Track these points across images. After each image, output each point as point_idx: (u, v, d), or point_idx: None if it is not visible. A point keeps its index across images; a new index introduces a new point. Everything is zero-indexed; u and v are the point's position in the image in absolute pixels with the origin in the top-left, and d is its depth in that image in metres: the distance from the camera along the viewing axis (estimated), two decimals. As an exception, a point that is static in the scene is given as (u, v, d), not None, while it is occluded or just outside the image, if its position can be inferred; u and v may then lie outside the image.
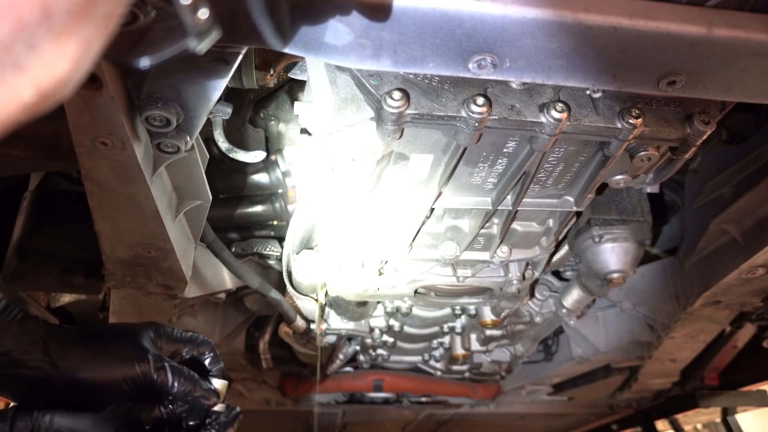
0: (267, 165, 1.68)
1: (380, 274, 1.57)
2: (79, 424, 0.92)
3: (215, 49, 0.88)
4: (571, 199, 1.28)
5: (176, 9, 0.44)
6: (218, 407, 1.03)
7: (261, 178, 1.69)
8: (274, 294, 1.77)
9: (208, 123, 1.09)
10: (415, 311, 2.22)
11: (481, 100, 0.91)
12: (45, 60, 0.36)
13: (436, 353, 2.72)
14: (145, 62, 0.52)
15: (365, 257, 1.49)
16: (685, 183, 1.91)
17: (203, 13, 0.45)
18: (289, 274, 1.65)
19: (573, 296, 2.04)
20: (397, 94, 0.89)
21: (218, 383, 1.06)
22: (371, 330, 2.33)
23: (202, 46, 0.48)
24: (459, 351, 2.48)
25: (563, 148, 1.10)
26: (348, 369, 2.99)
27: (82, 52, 0.38)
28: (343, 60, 0.87)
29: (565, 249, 1.85)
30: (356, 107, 0.97)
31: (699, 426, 4.35)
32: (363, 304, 1.93)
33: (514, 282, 1.63)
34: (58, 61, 0.37)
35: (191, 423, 1.02)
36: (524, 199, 1.23)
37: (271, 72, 1.14)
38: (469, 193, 1.22)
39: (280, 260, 1.68)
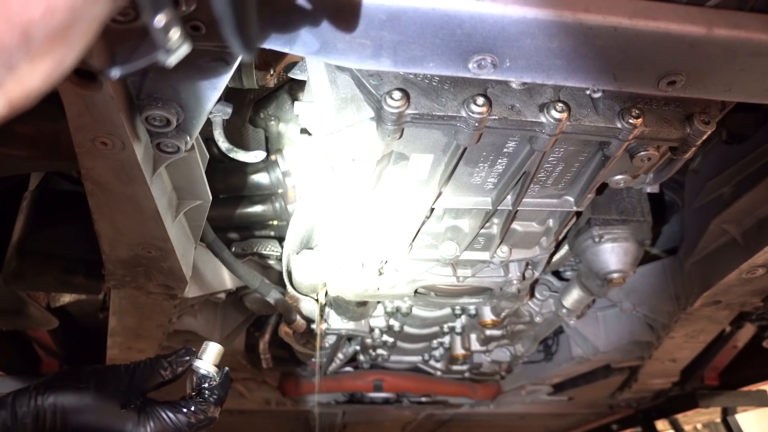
0: (267, 165, 1.68)
1: (380, 274, 1.57)
2: (83, 402, 0.92)
3: (215, 49, 0.88)
4: (571, 199, 1.28)
5: (150, 29, 0.47)
6: (212, 369, 1.05)
7: (261, 178, 1.69)
8: (274, 294, 1.77)
9: (208, 123, 1.09)
10: (415, 311, 2.22)
11: (481, 100, 0.91)
12: (20, 78, 0.38)
13: (436, 353, 2.72)
14: (116, 73, 0.54)
15: (365, 257, 1.49)
16: (685, 183, 1.91)
17: (174, 33, 0.48)
18: (289, 274, 1.65)
19: (573, 296, 2.04)
20: (397, 94, 0.89)
21: (214, 347, 1.07)
22: (371, 330, 2.33)
23: (171, 60, 0.50)
24: (459, 351, 2.48)
25: (563, 148, 1.10)
26: (348, 369, 2.99)
27: (55, 69, 0.40)
28: (343, 60, 0.87)
29: (565, 249, 1.85)
30: (356, 107, 0.97)
31: (699, 426, 4.34)
32: (363, 304, 1.93)
33: (514, 282, 1.63)
34: (32, 78, 0.39)
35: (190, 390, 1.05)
36: (524, 199, 1.23)
37: (271, 72, 1.14)
38: (469, 193, 1.22)
39: (280, 260, 1.68)
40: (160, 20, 0.47)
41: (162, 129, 1.00)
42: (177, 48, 0.49)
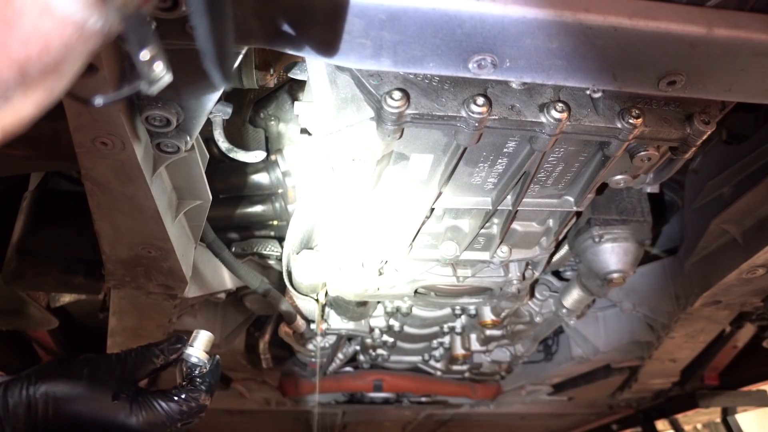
0: (267, 165, 1.68)
1: (380, 274, 1.57)
2: (76, 391, 0.92)
3: (215, 49, 0.88)
4: (571, 199, 1.28)
5: (135, 62, 0.51)
6: (203, 357, 1.05)
7: (261, 178, 1.69)
8: (274, 294, 1.77)
9: (208, 123, 1.09)
10: (415, 311, 2.22)
11: (481, 100, 0.91)
12: (14, 107, 0.41)
13: (436, 353, 2.72)
14: (99, 101, 0.57)
15: (365, 257, 1.49)
16: (685, 183, 1.91)
17: (158, 66, 0.52)
18: (289, 274, 1.65)
19: (573, 296, 2.04)
20: (397, 94, 0.89)
21: (204, 335, 1.07)
22: (371, 330, 2.33)
23: (153, 89, 0.54)
24: (459, 351, 2.48)
25: (563, 148, 1.10)
26: (348, 369, 2.99)
27: (46, 98, 0.43)
28: (343, 60, 0.87)
29: (565, 249, 1.85)
30: (356, 107, 0.97)
31: (699, 426, 4.34)
32: (363, 304, 1.93)
33: (514, 282, 1.63)
34: (24, 106, 0.42)
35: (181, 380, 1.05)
36: (524, 199, 1.23)
37: (271, 72, 1.14)
38: (469, 193, 1.22)
39: (280, 260, 1.68)
40: (145, 54, 0.51)
41: (162, 129, 1.00)
42: (159, 79, 0.53)
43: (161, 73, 0.52)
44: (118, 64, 0.85)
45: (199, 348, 1.07)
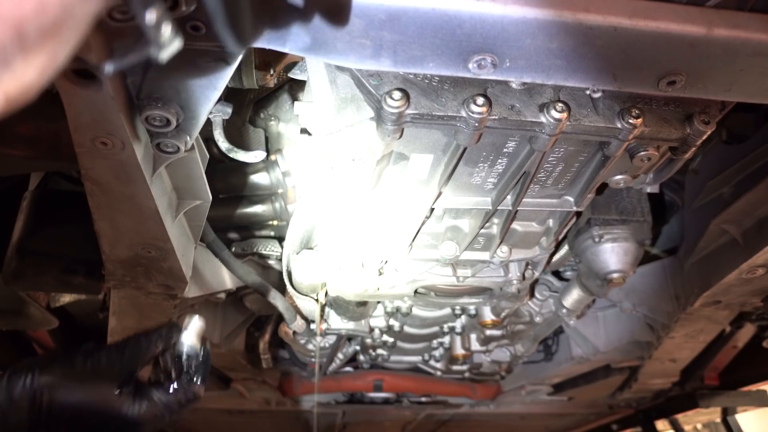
0: (267, 165, 1.68)
1: (380, 274, 1.57)
2: (78, 383, 0.94)
3: (215, 49, 0.88)
4: (571, 199, 1.28)
5: (141, 25, 0.48)
6: (196, 344, 1.08)
7: (261, 178, 1.69)
8: (274, 294, 1.77)
9: (208, 123, 1.09)
10: (415, 311, 2.22)
11: (481, 100, 0.91)
12: (15, 73, 0.39)
13: (436, 353, 2.72)
14: (109, 68, 0.55)
15: (365, 257, 1.49)
16: (685, 183, 1.91)
17: (165, 29, 0.50)
18: (289, 274, 1.65)
19: (573, 296, 2.04)
20: (397, 94, 0.89)
21: (196, 322, 1.10)
22: (371, 330, 2.33)
23: (163, 55, 0.52)
24: (459, 351, 2.48)
25: (563, 148, 1.10)
26: (348, 369, 2.99)
27: (49, 63, 0.42)
28: (343, 60, 0.87)
29: (565, 249, 1.85)
30: (356, 107, 0.97)
31: (699, 426, 4.35)
32: (363, 304, 1.93)
33: (514, 282, 1.63)
34: (27, 72, 0.40)
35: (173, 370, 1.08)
36: (524, 199, 1.23)
37: (271, 72, 1.14)
38: (469, 193, 1.22)
39: (280, 260, 1.68)
40: (150, 16, 0.48)
41: (162, 129, 1.00)
42: (169, 43, 0.50)
43: (171, 37, 0.50)
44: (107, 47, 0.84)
45: (191, 335, 1.10)
